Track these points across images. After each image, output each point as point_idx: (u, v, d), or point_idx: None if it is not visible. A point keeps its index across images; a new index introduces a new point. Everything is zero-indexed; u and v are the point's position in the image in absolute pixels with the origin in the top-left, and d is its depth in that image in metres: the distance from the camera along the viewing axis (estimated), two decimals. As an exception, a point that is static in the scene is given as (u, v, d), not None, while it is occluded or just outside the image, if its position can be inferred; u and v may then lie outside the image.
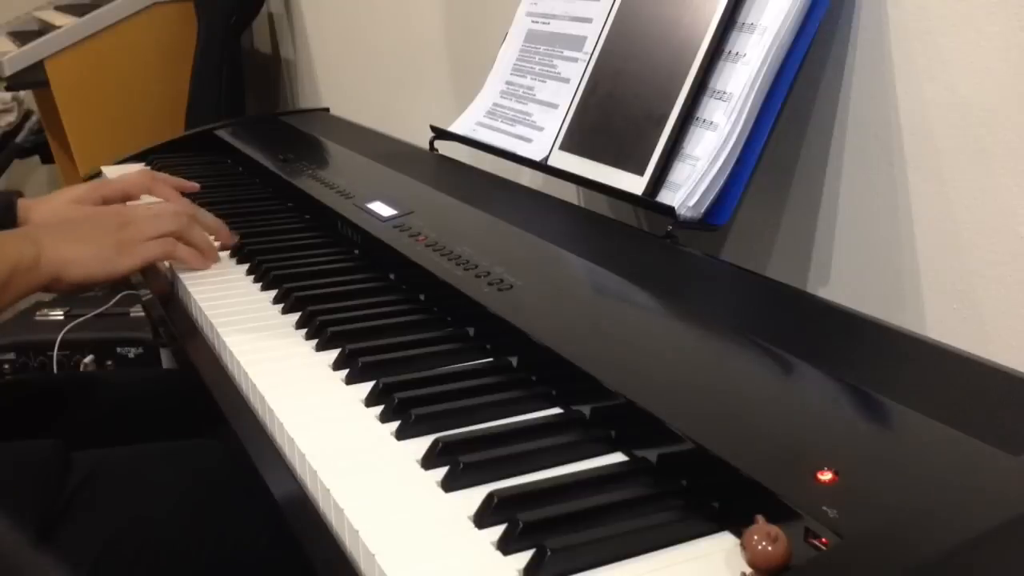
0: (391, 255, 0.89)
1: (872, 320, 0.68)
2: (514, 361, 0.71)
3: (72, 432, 1.01)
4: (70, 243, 0.90)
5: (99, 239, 0.92)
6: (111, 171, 1.44)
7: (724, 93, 0.84)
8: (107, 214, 0.97)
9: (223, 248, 1.02)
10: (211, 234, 1.01)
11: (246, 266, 0.97)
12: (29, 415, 1.05)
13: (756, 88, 0.81)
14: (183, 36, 2.44)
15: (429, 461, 0.58)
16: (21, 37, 2.57)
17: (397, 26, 1.80)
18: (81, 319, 1.80)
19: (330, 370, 0.73)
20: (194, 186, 1.20)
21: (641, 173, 0.88)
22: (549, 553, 0.47)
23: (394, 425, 0.63)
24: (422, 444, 0.60)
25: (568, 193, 1.15)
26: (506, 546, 0.50)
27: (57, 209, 1.07)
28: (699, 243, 0.88)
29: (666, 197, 0.86)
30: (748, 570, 0.46)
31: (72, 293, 1.06)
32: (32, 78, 2.42)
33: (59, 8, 2.78)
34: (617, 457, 0.59)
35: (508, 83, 1.15)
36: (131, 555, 0.79)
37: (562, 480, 0.56)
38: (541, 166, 1.03)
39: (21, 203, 1.06)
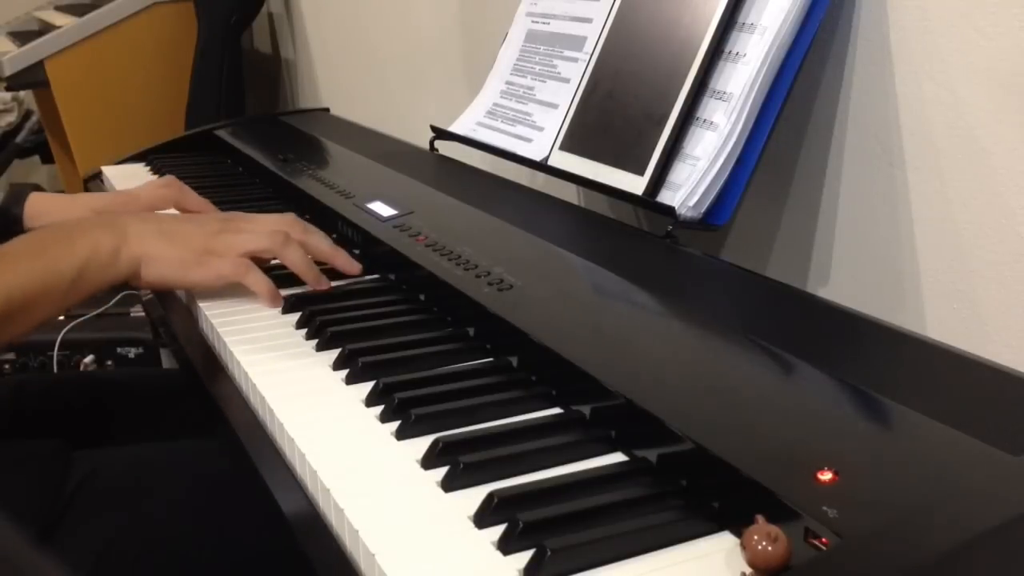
0: (391, 255, 0.89)
1: (872, 320, 0.68)
2: (514, 361, 0.71)
3: (72, 432, 1.01)
4: (158, 239, 0.82)
5: (188, 242, 0.83)
6: (111, 171, 1.44)
7: (724, 93, 0.84)
8: (209, 220, 0.87)
9: (344, 275, 0.90)
10: (321, 260, 0.89)
11: (246, 266, 0.97)
12: (29, 415, 1.05)
13: (756, 88, 0.81)
14: (183, 36, 2.44)
15: (429, 461, 0.58)
16: (21, 37, 2.58)
17: (397, 26, 1.80)
18: (81, 319, 1.80)
19: (330, 370, 0.73)
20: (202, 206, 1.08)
21: (641, 173, 0.88)
22: (549, 553, 0.47)
23: (394, 425, 0.63)
24: (422, 444, 0.60)
25: (568, 193, 1.15)
26: (506, 546, 0.50)
27: (79, 214, 1.01)
28: (699, 243, 0.88)
29: (666, 197, 0.86)
30: (748, 570, 0.46)
31: (148, 290, 0.91)
32: (32, 78, 2.42)
33: (59, 8, 2.78)
34: (617, 457, 0.59)
35: (508, 83, 1.15)
36: (132, 556, 0.79)
37: (562, 480, 0.56)
38: (541, 166, 1.03)
39: (33, 200, 1.01)
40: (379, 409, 0.65)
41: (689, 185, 0.83)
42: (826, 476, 0.48)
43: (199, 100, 2.40)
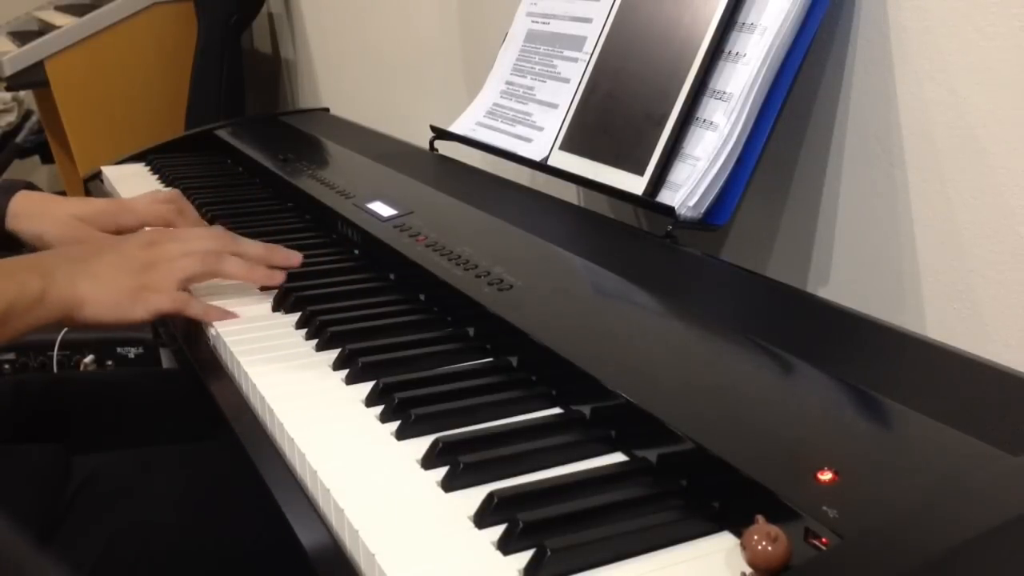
0: (391, 255, 0.89)
1: (872, 320, 0.68)
2: (514, 361, 0.71)
3: (72, 432, 1.01)
4: (87, 280, 0.81)
5: (119, 280, 0.82)
6: (111, 171, 1.44)
7: (724, 93, 0.84)
8: (134, 249, 0.85)
9: (284, 267, 0.90)
10: (261, 260, 0.89)
11: (246, 266, 0.97)
12: (29, 415, 1.05)
13: (756, 88, 0.81)
14: (183, 36, 2.44)
15: (429, 461, 0.58)
16: (21, 37, 2.58)
17: (397, 26, 1.80)
18: (81, 319, 1.80)
19: (330, 370, 0.73)
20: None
21: (641, 173, 0.88)
22: (549, 553, 0.47)
23: (394, 425, 0.63)
24: (422, 444, 0.60)
25: (568, 193, 1.15)
26: (506, 546, 0.50)
27: (59, 220, 1.00)
28: (699, 243, 0.88)
29: (666, 197, 0.86)
30: (748, 570, 0.46)
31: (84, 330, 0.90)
32: (32, 78, 2.42)
33: (59, 8, 2.78)
34: (617, 457, 0.59)
35: (508, 83, 1.15)
36: (131, 557, 0.79)
37: (562, 480, 0.56)
38: (541, 166, 1.03)
39: (19, 198, 1.00)
40: (379, 409, 0.65)
41: (689, 185, 0.83)
42: (826, 476, 0.48)
43: (199, 100, 2.40)
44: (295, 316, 0.83)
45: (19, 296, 0.77)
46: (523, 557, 0.49)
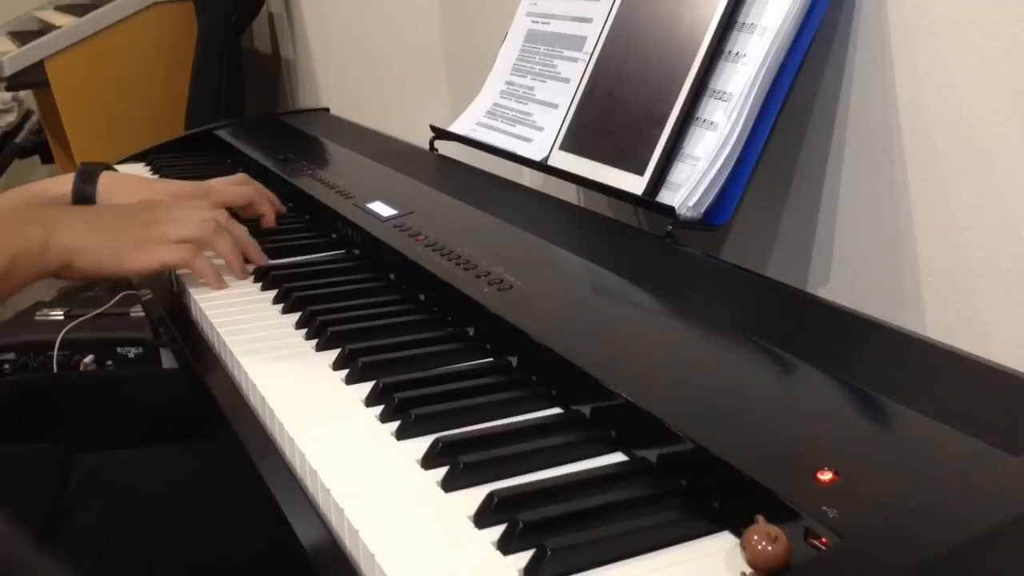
0: (391, 255, 0.89)
1: (872, 320, 0.68)
2: (514, 361, 0.71)
3: (72, 432, 1.01)
4: (87, 231, 0.84)
5: (119, 231, 0.85)
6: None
7: (724, 93, 0.84)
8: (136, 207, 0.90)
9: (253, 267, 0.94)
10: (241, 250, 0.93)
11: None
12: (29, 415, 1.05)
13: (756, 88, 0.81)
14: (183, 36, 2.44)
15: (429, 461, 0.58)
16: (21, 37, 2.58)
17: (397, 26, 1.80)
18: (81, 319, 1.80)
19: (330, 370, 0.73)
20: (280, 209, 1.10)
21: (641, 173, 0.88)
22: (549, 553, 0.47)
23: (394, 425, 0.63)
24: (422, 444, 0.60)
25: (568, 193, 1.15)
26: (506, 546, 0.50)
27: (159, 194, 1.00)
28: (699, 243, 0.88)
29: (666, 197, 0.86)
30: (748, 570, 0.46)
31: (82, 282, 0.96)
32: (32, 78, 2.42)
33: (59, 8, 2.78)
34: (617, 457, 0.59)
35: (508, 83, 1.15)
36: (131, 557, 0.79)
37: (562, 480, 0.56)
38: (541, 166, 1.03)
39: (105, 179, 1.02)
40: (379, 409, 0.65)
41: (689, 185, 0.83)
42: (826, 476, 0.48)
43: (199, 100, 2.40)
44: (295, 316, 0.83)
45: (24, 246, 0.81)
46: (523, 557, 0.49)
